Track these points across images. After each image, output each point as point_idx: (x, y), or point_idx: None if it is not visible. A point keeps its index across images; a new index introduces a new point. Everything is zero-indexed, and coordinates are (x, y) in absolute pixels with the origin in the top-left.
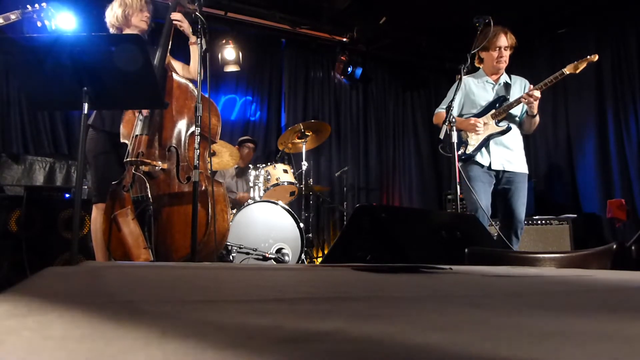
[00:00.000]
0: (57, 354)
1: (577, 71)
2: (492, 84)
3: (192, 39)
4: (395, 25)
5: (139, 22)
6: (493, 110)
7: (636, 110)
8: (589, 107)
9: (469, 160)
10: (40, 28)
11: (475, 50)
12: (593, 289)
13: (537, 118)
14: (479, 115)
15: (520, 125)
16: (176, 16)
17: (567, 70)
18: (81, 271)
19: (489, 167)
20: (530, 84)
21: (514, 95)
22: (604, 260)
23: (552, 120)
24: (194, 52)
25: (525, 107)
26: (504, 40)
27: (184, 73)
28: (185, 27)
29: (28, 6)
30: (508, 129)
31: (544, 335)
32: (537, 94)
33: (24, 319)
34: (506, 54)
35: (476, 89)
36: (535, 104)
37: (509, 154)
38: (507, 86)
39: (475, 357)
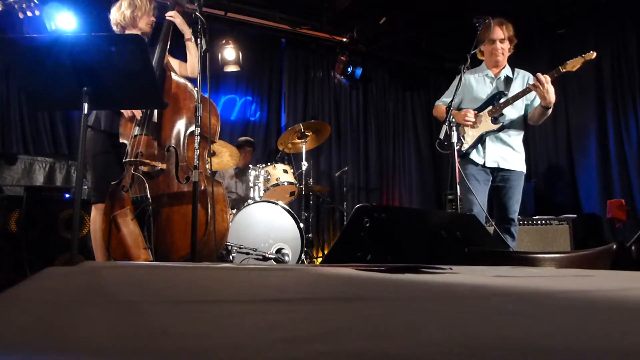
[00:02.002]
0: (57, 354)
1: (574, 69)
2: (492, 77)
3: (187, 34)
4: (395, 26)
5: (145, 26)
6: (490, 107)
7: (636, 110)
8: (589, 107)
9: (464, 157)
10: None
11: (475, 50)
12: (593, 289)
13: (552, 98)
14: (478, 110)
15: (525, 117)
16: (170, 13)
17: (563, 68)
18: (81, 271)
19: (484, 165)
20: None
21: (513, 90)
22: (604, 260)
23: (552, 120)
24: (190, 48)
25: (531, 99)
26: (499, 33)
27: (181, 71)
28: (179, 22)
29: None
30: (503, 127)
31: (545, 335)
32: (544, 80)
33: (24, 319)
34: (502, 46)
35: (476, 84)
36: (548, 93)
37: (505, 151)
38: (507, 81)
39: (475, 357)
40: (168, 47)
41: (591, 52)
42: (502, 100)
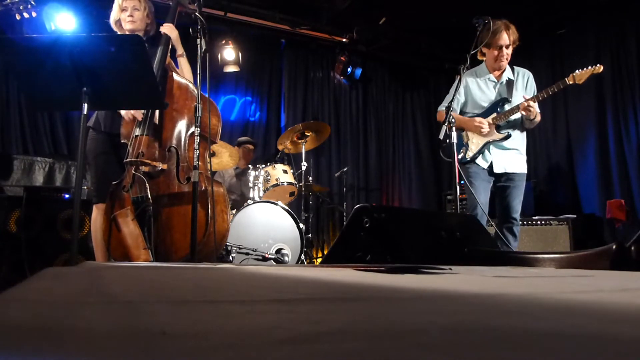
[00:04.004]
0: (57, 354)
1: (581, 82)
2: (494, 82)
3: (179, 50)
4: (395, 26)
5: (124, 23)
6: (494, 114)
7: (636, 111)
8: (589, 107)
9: (469, 163)
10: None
11: (476, 50)
12: (592, 289)
13: (538, 117)
14: (482, 116)
15: (521, 122)
16: (165, 28)
17: (569, 80)
18: (81, 271)
19: (490, 170)
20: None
21: (516, 93)
22: (603, 260)
23: (552, 121)
24: (182, 65)
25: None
26: (506, 39)
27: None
28: (174, 37)
29: None
30: (508, 136)
31: (547, 336)
32: (534, 104)
33: (24, 319)
34: (507, 52)
35: (478, 89)
36: (533, 111)
37: (510, 156)
38: (509, 84)
39: (476, 357)
40: (170, 47)
41: (599, 65)
42: (506, 108)
